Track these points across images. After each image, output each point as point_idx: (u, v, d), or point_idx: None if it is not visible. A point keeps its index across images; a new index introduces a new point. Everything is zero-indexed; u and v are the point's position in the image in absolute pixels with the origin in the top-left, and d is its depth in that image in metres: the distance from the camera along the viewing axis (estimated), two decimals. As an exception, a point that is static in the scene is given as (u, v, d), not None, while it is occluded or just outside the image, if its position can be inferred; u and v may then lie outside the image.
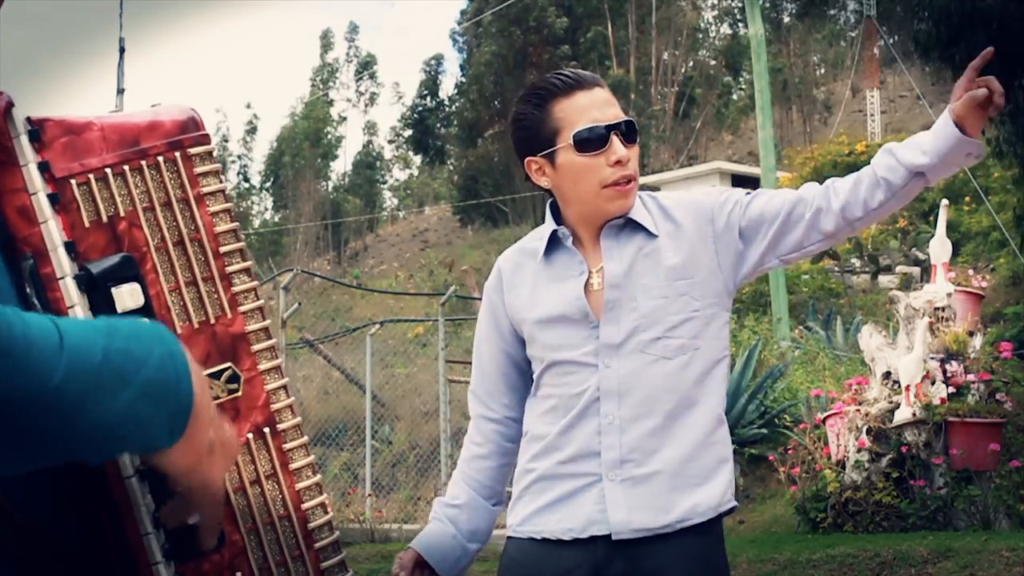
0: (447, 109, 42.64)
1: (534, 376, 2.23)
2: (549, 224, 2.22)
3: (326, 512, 1.15)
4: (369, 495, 10.26)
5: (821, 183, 2.20)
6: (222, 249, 1.13)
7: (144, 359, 0.89)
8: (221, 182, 1.15)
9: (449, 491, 2.29)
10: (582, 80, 2.15)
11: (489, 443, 2.28)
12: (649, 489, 2.07)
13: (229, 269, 1.13)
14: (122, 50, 17.02)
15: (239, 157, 49.08)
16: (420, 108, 43.68)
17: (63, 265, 1.01)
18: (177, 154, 1.11)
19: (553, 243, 2.20)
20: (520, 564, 2.15)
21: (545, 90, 2.15)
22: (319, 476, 1.17)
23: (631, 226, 2.17)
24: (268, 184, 48.46)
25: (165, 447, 0.92)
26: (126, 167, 1.08)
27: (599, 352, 2.11)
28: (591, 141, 2.09)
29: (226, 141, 48.76)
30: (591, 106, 2.11)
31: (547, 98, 2.14)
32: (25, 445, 0.82)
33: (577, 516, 2.09)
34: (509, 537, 2.21)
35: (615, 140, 2.09)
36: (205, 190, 1.13)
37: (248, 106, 76.66)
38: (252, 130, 49.81)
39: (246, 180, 48.93)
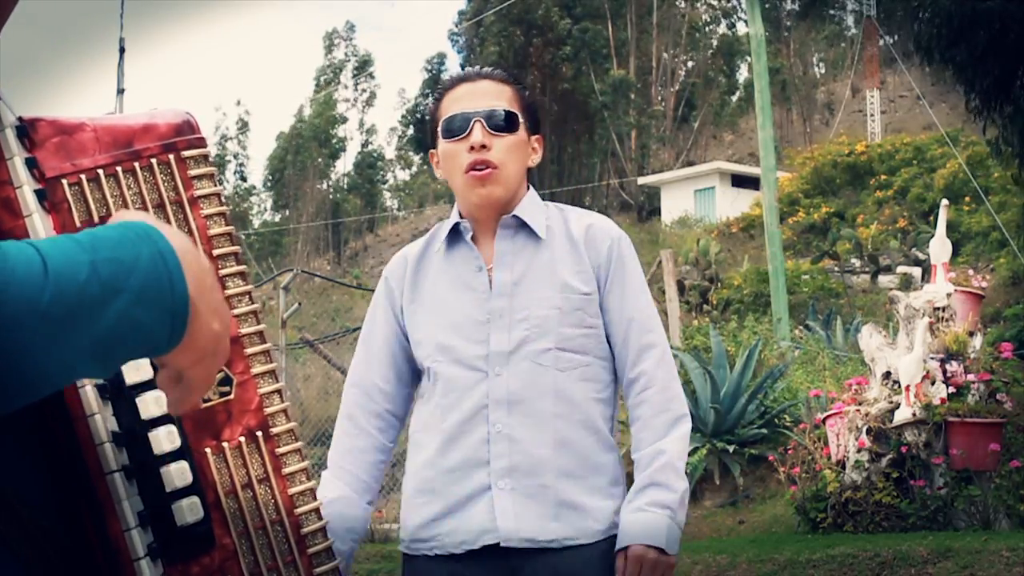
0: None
1: (421, 378, 2.19)
2: (453, 216, 2.22)
3: (319, 518, 1.14)
4: (369, 495, 10.24)
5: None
6: (216, 252, 1.12)
7: (133, 265, 0.87)
8: (216, 185, 1.14)
9: (319, 492, 2.20)
10: (469, 74, 2.20)
11: (368, 436, 2.19)
12: (537, 499, 2.04)
13: (223, 272, 1.12)
14: (122, 50, 17.02)
15: (235, 156, 49.07)
16: (421, 107, 43.68)
17: None
18: (171, 156, 1.11)
19: (454, 236, 2.20)
20: None
21: (441, 86, 2.22)
22: (313, 482, 1.15)
23: (527, 229, 2.16)
24: (269, 184, 48.47)
25: (168, 348, 0.91)
26: (119, 168, 1.08)
27: (489, 359, 2.09)
28: (453, 128, 2.13)
29: (225, 140, 48.75)
30: (466, 96, 2.15)
31: (441, 93, 2.20)
32: (24, 375, 0.82)
33: (469, 528, 2.06)
34: (405, 554, 2.17)
35: (476, 127, 2.11)
36: (199, 193, 1.12)
37: (238, 103, 76.61)
38: (243, 127, 49.73)
39: (243, 179, 48.92)
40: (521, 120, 2.16)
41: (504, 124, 2.13)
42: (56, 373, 0.84)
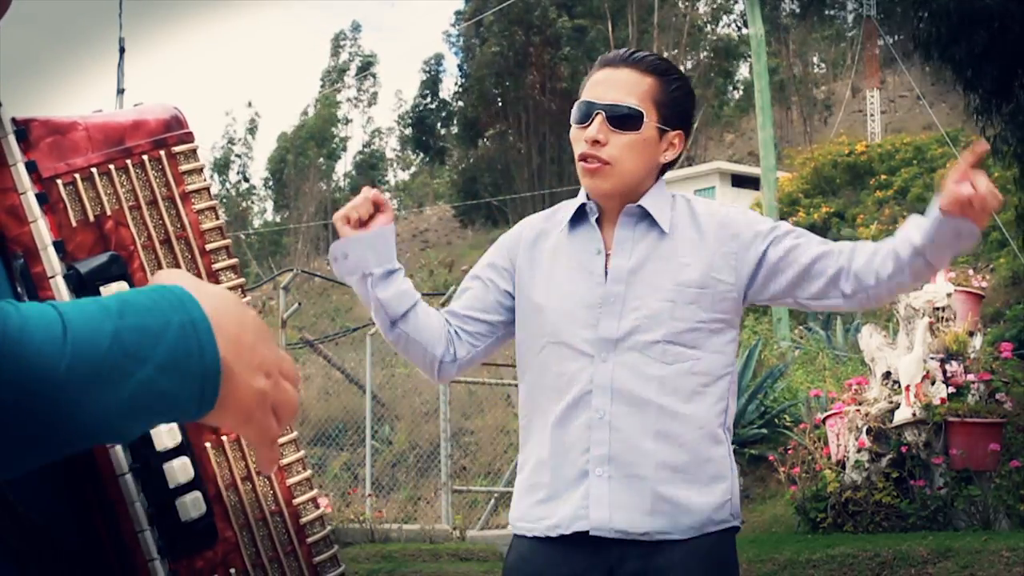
0: (449, 108, 42.66)
1: (525, 355, 2.18)
2: (581, 195, 2.21)
3: (317, 507, 1.15)
4: (369, 495, 10.25)
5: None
6: (208, 246, 1.13)
7: (161, 333, 0.85)
8: (205, 180, 1.15)
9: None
10: (614, 58, 2.18)
11: (440, 322, 2.20)
12: (634, 490, 2.04)
13: (215, 266, 1.13)
14: (122, 50, 17.02)
15: (239, 156, 49.09)
16: (420, 108, 43.70)
17: (53, 264, 1.01)
18: (162, 152, 1.12)
19: (580, 215, 2.19)
20: (529, 563, 2.12)
21: (596, 63, 2.22)
22: (309, 471, 1.16)
23: (650, 220, 2.16)
24: (270, 184, 48.49)
25: (197, 416, 0.89)
26: (111, 166, 1.09)
27: (596, 343, 2.09)
28: (578, 114, 2.14)
29: (232, 144, 48.74)
30: (601, 83, 2.15)
31: (590, 72, 2.20)
32: (35, 443, 0.81)
33: (563, 513, 2.06)
34: (515, 535, 2.19)
35: (596, 119, 2.10)
36: (190, 188, 1.13)
37: (249, 104, 76.75)
38: (252, 129, 49.77)
39: (246, 180, 48.95)
40: (648, 119, 2.11)
41: (624, 121, 2.10)
42: (74, 440, 0.83)
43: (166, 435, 1.04)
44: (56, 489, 0.99)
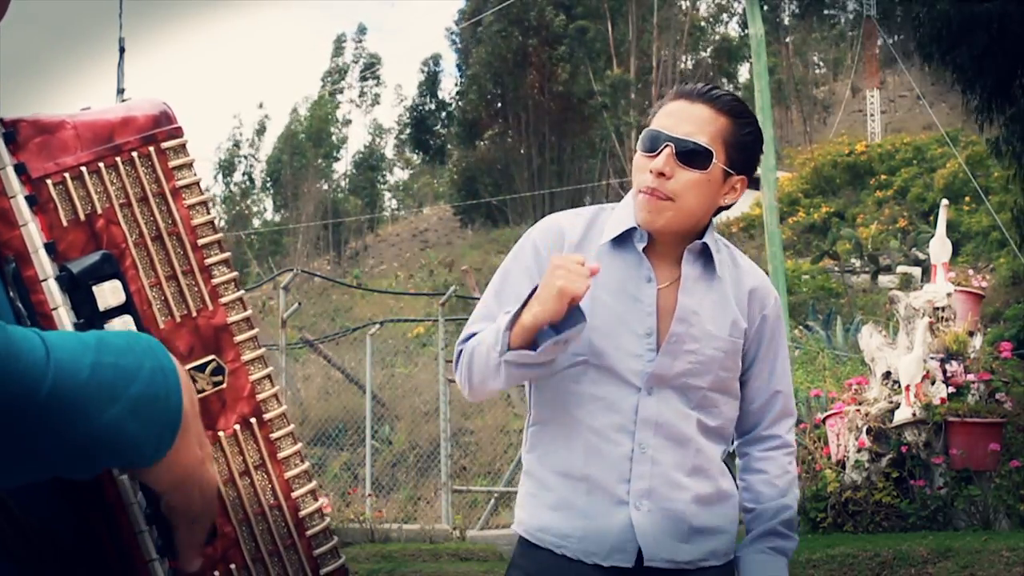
0: (448, 108, 42.67)
1: (555, 362, 2.04)
2: (628, 216, 2.12)
3: (315, 499, 1.15)
4: (369, 495, 10.26)
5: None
6: (200, 242, 1.13)
7: (134, 374, 0.88)
8: (195, 175, 1.14)
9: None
10: (690, 92, 2.11)
11: None
12: (672, 523, 2.08)
13: (208, 261, 1.13)
14: (122, 50, 17.00)
15: (245, 157, 49.08)
16: (420, 108, 43.71)
17: (45, 267, 1.01)
18: (151, 148, 1.11)
19: (623, 237, 2.12)
20: (540, 573, 2.11)
21: (670, 92, 2.16)
22: (307, 464, 1.16)
23: (707, 260, 2.12)
24: (269, 184, 48.47)
25: (152, 461, 0.91)
26: (101, 164, 1.08)
27: (645, 377, 2.07)
28: (646, 143, 2.08)
29: (237, 146, 48.70)
30: (674, 113, 2.08)
31: (664, 100, 2.14)
32: (8, 461, 0.81)
33: (603, 542, 2.06)
34: (523, 538, 2.16)
35: (665, 151, 2.04)
36: (180, 183, 1.13)
37: (260, 106, 76.60)
38: (261, 131, 49.75)
39: (250, 180, 48.95)
40: (716, 159, 2.05)
41: (693, 157, 2.05)
42: (37, 468, 0.84)
43: None
44: (54, 490, 0.99)
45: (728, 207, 2.16)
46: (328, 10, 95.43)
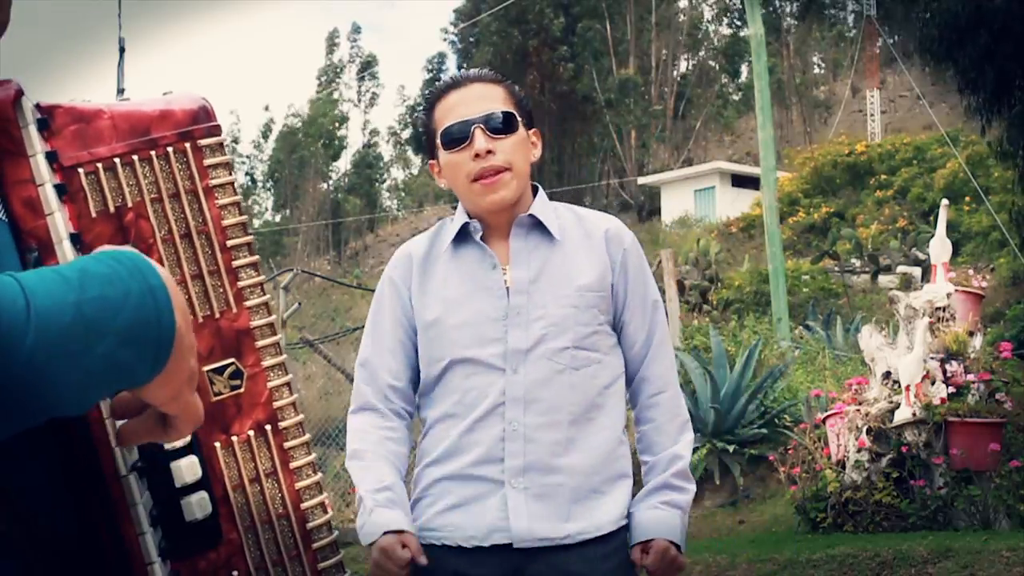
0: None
1: (427, 373, 2.19)
2: (461, 216, 2.20)
3: (325, 512, 1.13)
4: (369, 495, 10.24)
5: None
6: (229, 243, 1.10)
7: (121, 304, 0.85)
8: (230, 174, 1.12)
9: (375, 474, 2.17)
10: (459, 79, 2.19)
11: (399, 429, 2.23)
12: (551, 499, 2.07)
13: (235, 263, 1.11)
14: (122, 50, 17.00)
15: (248, 158, 49.05)
16: (420, 107, 43.64)
17: (67, 258, 0.99)
18: (187, 145, 1.09)
19: (462, 236, 2.19)
20: (431, 571, 2.11)
21: (431, 95, 2.22)
22: (319, 475, 1.15)
23: (540, 228, 2.17)
24: (269, 184, 48.46)
25: (147, 380, 0.90)
26: (135, 157, 1.06)
27: (507, 356, 2.10)
28: (453, 137, 2.13)
29: (236, 143, 48.68)
30: (460, 103, 2.14)
31: (432, 102, 2.20)
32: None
33: (479, 524, 2.08)
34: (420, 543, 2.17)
35: (477, 133, 2.10)
36: (214, 182, 1.10)
37: (266, 108, 76.62)
38: (267, 132, 49.73)
39: (253, 181, 48.93)
40: (518, 118, 2.16)
41: (504, 125, 2.13)
42: (35, 413, 0.83)
43: None
44: (58, 489, 0.99)
45: (535, 162, 2.24)
46: (329, 11, 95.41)
